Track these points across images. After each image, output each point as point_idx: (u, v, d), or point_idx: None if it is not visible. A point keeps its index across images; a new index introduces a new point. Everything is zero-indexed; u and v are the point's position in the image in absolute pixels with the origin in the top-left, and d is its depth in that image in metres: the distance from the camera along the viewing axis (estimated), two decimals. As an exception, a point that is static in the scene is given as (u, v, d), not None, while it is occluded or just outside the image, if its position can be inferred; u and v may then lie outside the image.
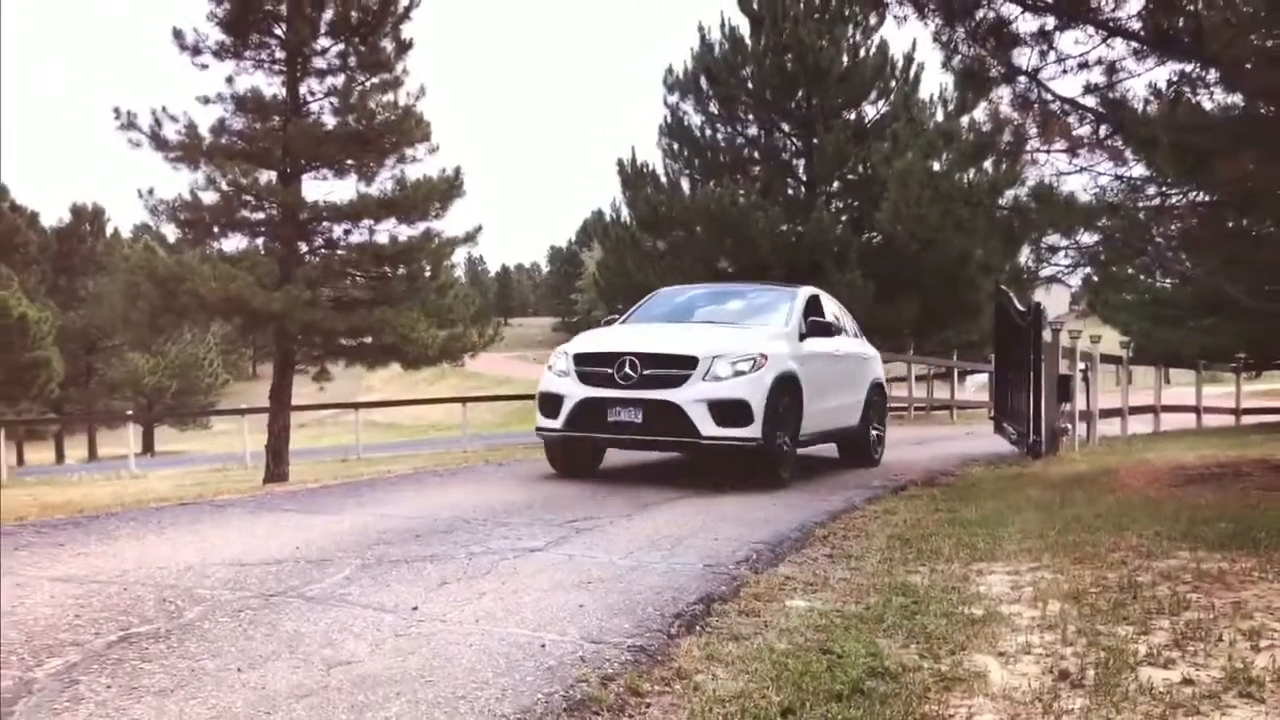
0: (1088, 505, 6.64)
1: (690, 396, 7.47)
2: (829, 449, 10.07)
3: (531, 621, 3.63)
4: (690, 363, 7.58)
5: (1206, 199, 9.15)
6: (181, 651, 3.20)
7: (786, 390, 7.93)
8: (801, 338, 8.55)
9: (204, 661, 3.10)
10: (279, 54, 17.62)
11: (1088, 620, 3.68)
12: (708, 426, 7.43)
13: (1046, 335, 11.47)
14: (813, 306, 9.20)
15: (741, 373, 7.56)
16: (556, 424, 7.89)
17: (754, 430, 7.51)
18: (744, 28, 23.13)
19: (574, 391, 7.81)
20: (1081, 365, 13.20)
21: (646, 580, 4.39)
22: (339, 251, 18.15)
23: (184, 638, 3.34)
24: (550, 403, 7.97)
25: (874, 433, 10.24)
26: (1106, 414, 15.64)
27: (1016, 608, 3.95)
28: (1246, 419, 21.47)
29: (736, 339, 8.03)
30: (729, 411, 7.46)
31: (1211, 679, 3.03)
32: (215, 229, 17.79)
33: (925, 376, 25.76)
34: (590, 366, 7.85)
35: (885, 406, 10.76)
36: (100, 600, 3.81)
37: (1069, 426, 12.02)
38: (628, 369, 7.61)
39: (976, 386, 32.31)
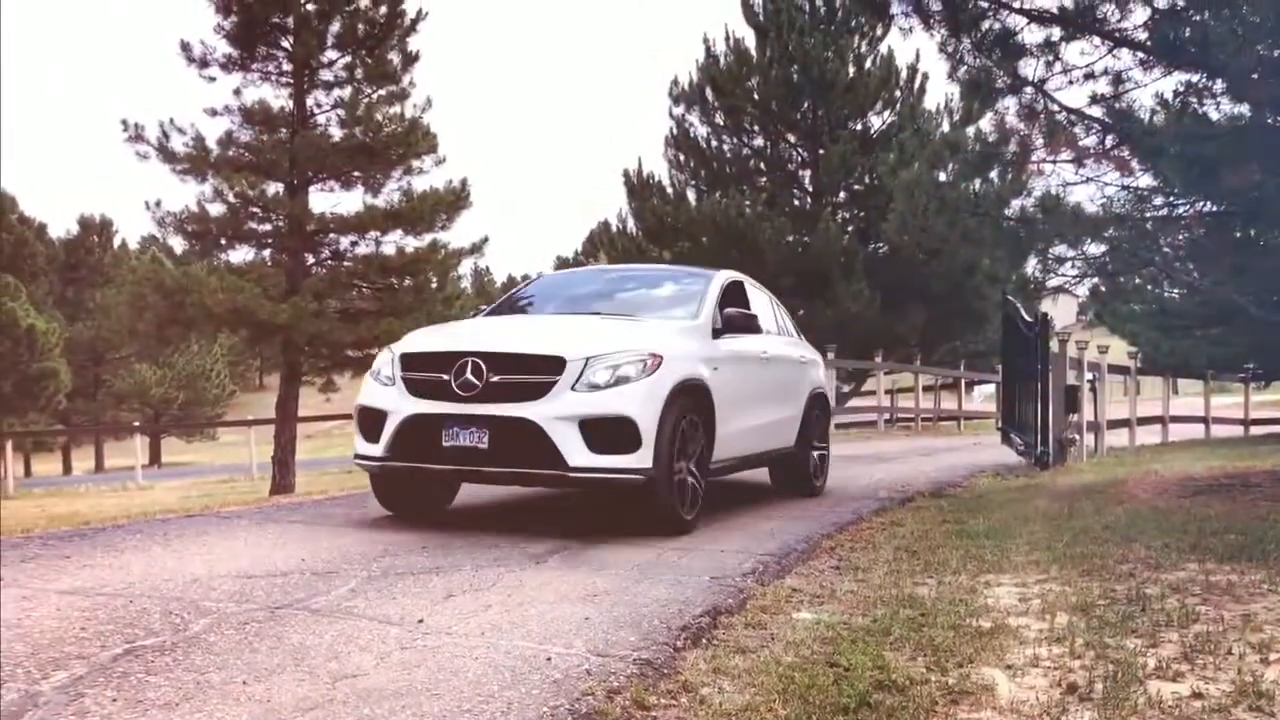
0: (1095, 516, 6.62)
1: (553, 412, 5.58)
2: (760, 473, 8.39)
3: (537, 634, 3.62)
4: (555, 366, 5.69)
5: (1213, 209, 9.14)
6: (187, 664, 3.19)
7: (691, 402, 6.09)
8: (716, 334, 6.75)
9: (209, 674, 3.09)
10: (286, 66, 17.73)
11: (1096, 633, 3.66)
12: (578, 453, 5.56)
13: (1054, 345, 11.46)
14: (732, 295, 7.41)
15: (625, 379, 5.69)
16: (377, 450, 5.98)
17: (642, 458, 5.63)
18: (749, 39, 23.25)
19: (399, 406, 5.92)
20: (1089, 375, 13.19)
21: (652, 592, 4.38)
22: (345, 263, 18.22)
23: (189, 650, 3.34)
24: (370, 420, 6.08)
25: (815, 455, 8.44)
26: (1114, 424, 15.61)
27: (1024, 620, 3.93)
28: (1255, 429, 21.43)
29: (622, 334, 6.16)
30: (607, 432, 5.60)
31: (1221, 692, 3.01)
32: (222, 240, 17.89)
33: (932, 387, 25.74)
34: (422, 372, 5.96)
35: (829, 421, 8.98)
36: (106, 613, 3.81)
37: (1076, 437, 11.98)
38: (469, 375, 5.69)
39: (984, 397, 32.28)
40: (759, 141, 24.05)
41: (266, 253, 18.45)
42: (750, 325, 7.13)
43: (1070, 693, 3.04)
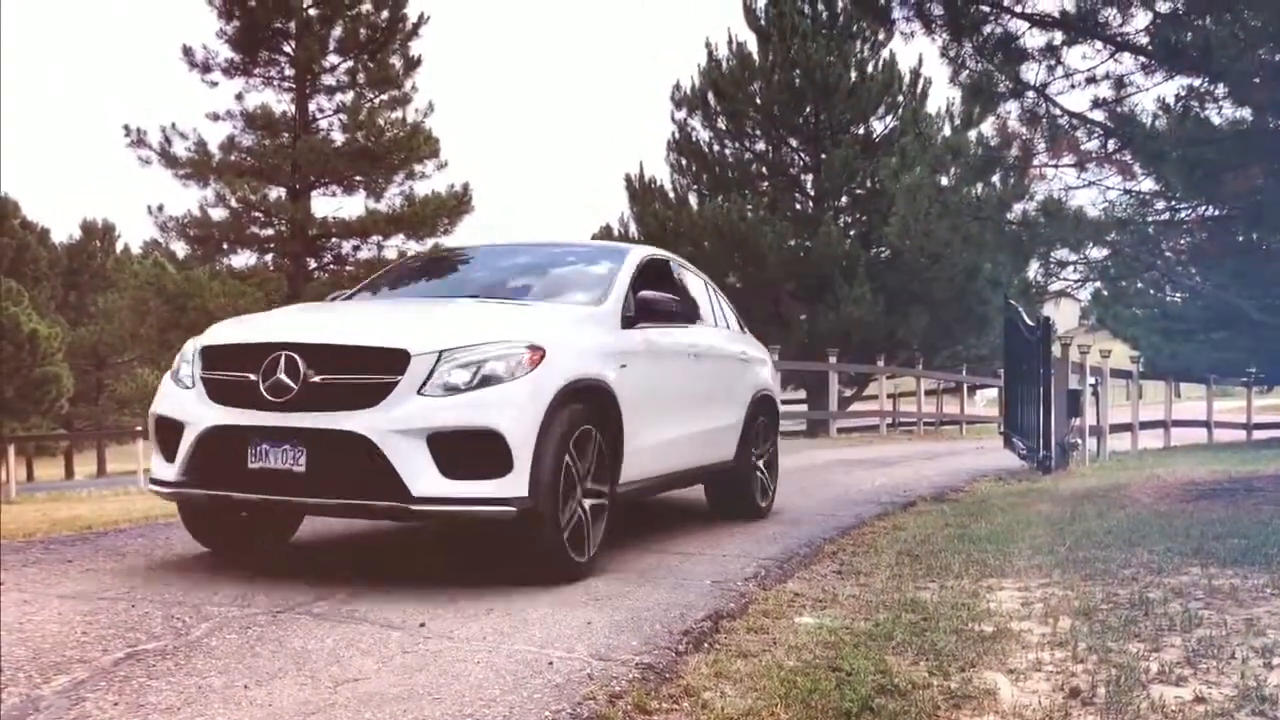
0: (1098, 521, 6.61)
1: (392, 424, 4.22)
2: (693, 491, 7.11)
3: (539, 638, 3.62)
4: (396, 362, 4.32)
5: (1216, 213, 9.16)
6: (189, 669, 3.19)
7: (588, 409, 4.77)
8: (628, 323, 5.43)
9: (211, 678, 3.09)
10: (288, 71, 17.80)
11: (1098, 637, 3.65)
12: (425, 479, 4.21)
13: (1056, 350, 11.45)
14: (653, 277, 6.03)
15: (493, 379, 4.37)
16: (170, 472, 4.61)
17: (513, 484, 4.30)
18: (751, 44, 23.28)
19: (198, 415, 4.55)
20: (1091, 380, 13.18)
21: (654, 596, 4.37)
22: (348, 267, 18.28)
23: (191, 654, 3.34)
24: (165, 433, 4.73)
25: (760, 470, 7.13)
26: (1116, 429, 15.59)
27: (1027, 624, 3.93)
28: (1258, 434, 21.38)
29: (493, 321, 4.84)
30: (466, 450, 4.27)
31: (1224, 696, 3.00)
32: (224, 245, 17.97)
33: (934, 391, 25.73)
34: (226, 371, 4.58)
35: (777, 430, 7.61)
36: (108, 617, 3.81)
37: (1079, 441, 11.97)
38: (282, 374, 4.34)
39: (986, 401, 32.27)
40: (761, 146, 24.07)
41: (269, 257, 18.54)
42: (675, 313, 5.77)
43: (1073, 697, 3.03)
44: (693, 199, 23.78)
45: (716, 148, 23.97)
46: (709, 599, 4.38)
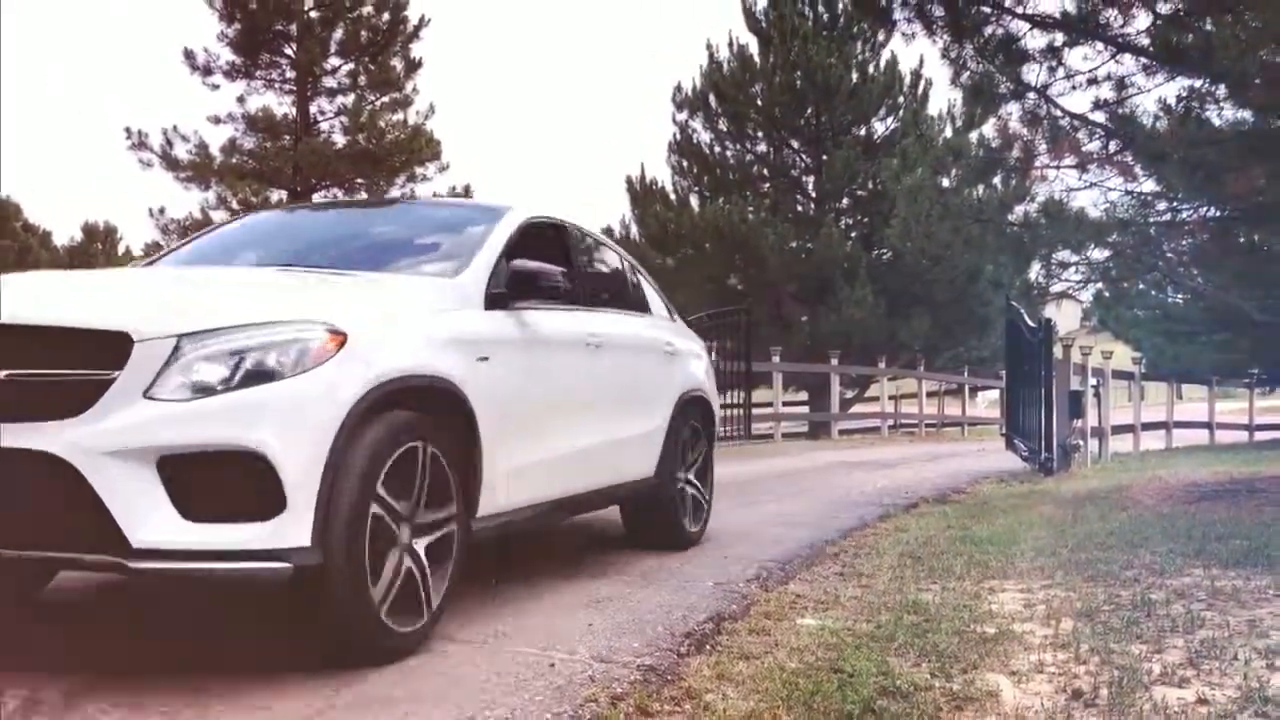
0: (1100, 522, 6.60)
1: (102, 440, 2.85)
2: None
3: (540, 641, 3.61)
4: (114, 350, 2.93)
5: (1217, 214, 9.16)
6: (190, 670, 3.18)
7: (419, 420, 3.43)
8: (497, 301, 4.10)
9: (211, 682, 3.08)
10: (289, 73, 17.82)
11: (1100, 638, 3.65)
12: (152, 521, 2.86)
13: (1057, 351, 11.44)
14: (538, 245, 4.60)
15: (262, 375, 3.02)
16: None
17: (287, 530, 2.95)
18: (752, 46, 23.24)
19: None
20: (1093, 381, 13.18)
21: (656, 598, 4.37)
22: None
23: (193, 656, 3.33)
24: None
25: (687, 488, 5.82)
26: (1118, 430, 15.59)
27: (1029, 626, 3.92)
28: (1260, 435, 21.38)
29: (280, 295, 3.54)
30: (216, 480, 2.93)
31: (1227, 698, 3.00)
32: (226, 248, 17.96)
33: (936, 393, 25.72)
34: None
35: (712, 438, 6.28)
36: (110, 617, 3.80)
37: (1081, 443, 11.97)
38: None
39: (988, 403, 32.25)
40: (762, 147, 24.04)
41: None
42: (564, 290, 4.34)
43: (1075, 699, 3.03)
44: (694, 201, 23.74)
45: (718, 149, 23.95)
46: (711, 601, 4.37)
